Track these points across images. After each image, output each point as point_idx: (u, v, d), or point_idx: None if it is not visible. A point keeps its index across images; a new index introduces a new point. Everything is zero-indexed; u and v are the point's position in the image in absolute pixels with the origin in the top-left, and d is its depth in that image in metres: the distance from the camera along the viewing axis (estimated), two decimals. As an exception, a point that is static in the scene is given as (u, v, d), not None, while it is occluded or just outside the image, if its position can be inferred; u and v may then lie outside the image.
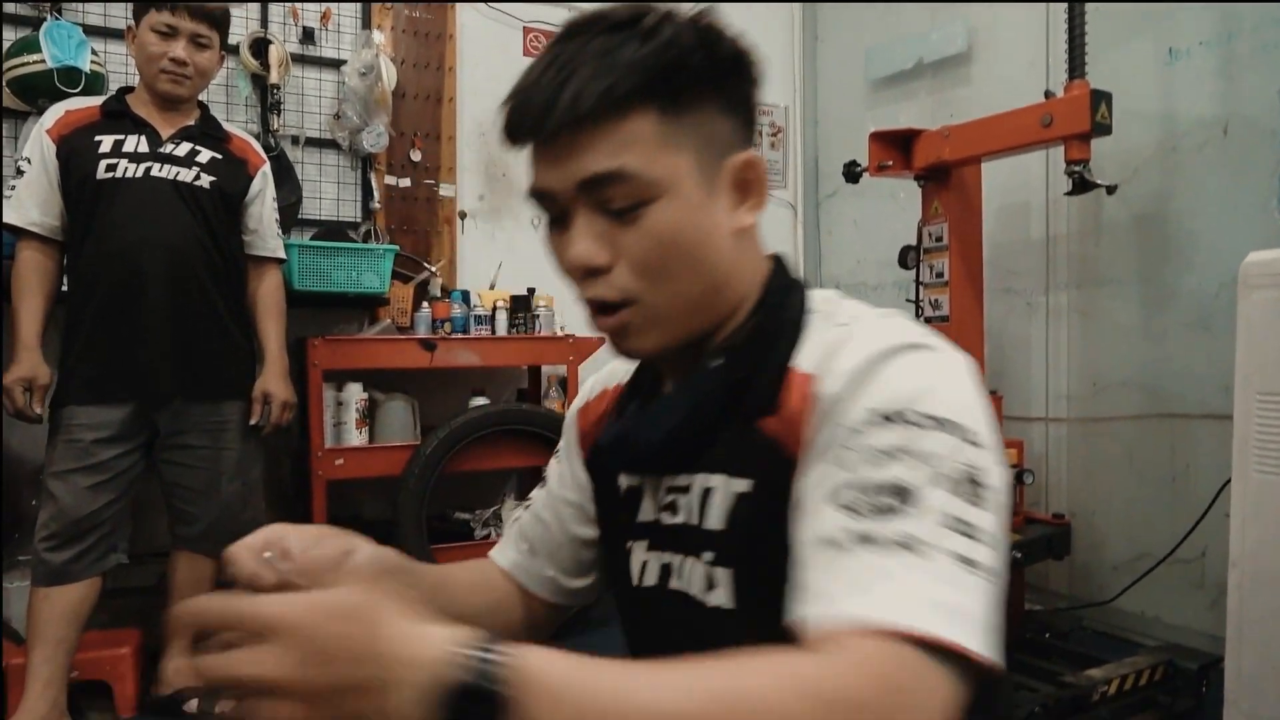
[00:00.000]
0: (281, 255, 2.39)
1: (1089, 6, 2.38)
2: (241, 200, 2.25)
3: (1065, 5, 2.40)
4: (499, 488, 3.18)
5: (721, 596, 0.73)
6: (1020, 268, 2.96)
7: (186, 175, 2.13)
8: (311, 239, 2.88)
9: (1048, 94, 2.43)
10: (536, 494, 0.98)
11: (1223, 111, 2.38)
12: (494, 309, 3.00)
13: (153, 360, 2.08)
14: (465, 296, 3.02)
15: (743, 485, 0.72)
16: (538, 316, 3.03)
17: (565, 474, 0.95)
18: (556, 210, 0.73)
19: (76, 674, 2.12)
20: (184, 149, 2.15)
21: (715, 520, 0.74)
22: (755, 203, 0.75)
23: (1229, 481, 1.88)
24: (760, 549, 0.70)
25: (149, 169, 2.09)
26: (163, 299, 2.08)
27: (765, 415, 0.72)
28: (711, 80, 0.71)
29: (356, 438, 2.69)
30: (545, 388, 3.09)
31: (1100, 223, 2.72)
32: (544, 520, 0.95)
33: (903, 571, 0.56)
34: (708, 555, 0.74)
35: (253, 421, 2.24)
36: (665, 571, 0.80)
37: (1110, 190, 2.35)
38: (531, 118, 0.68)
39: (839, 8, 3.76)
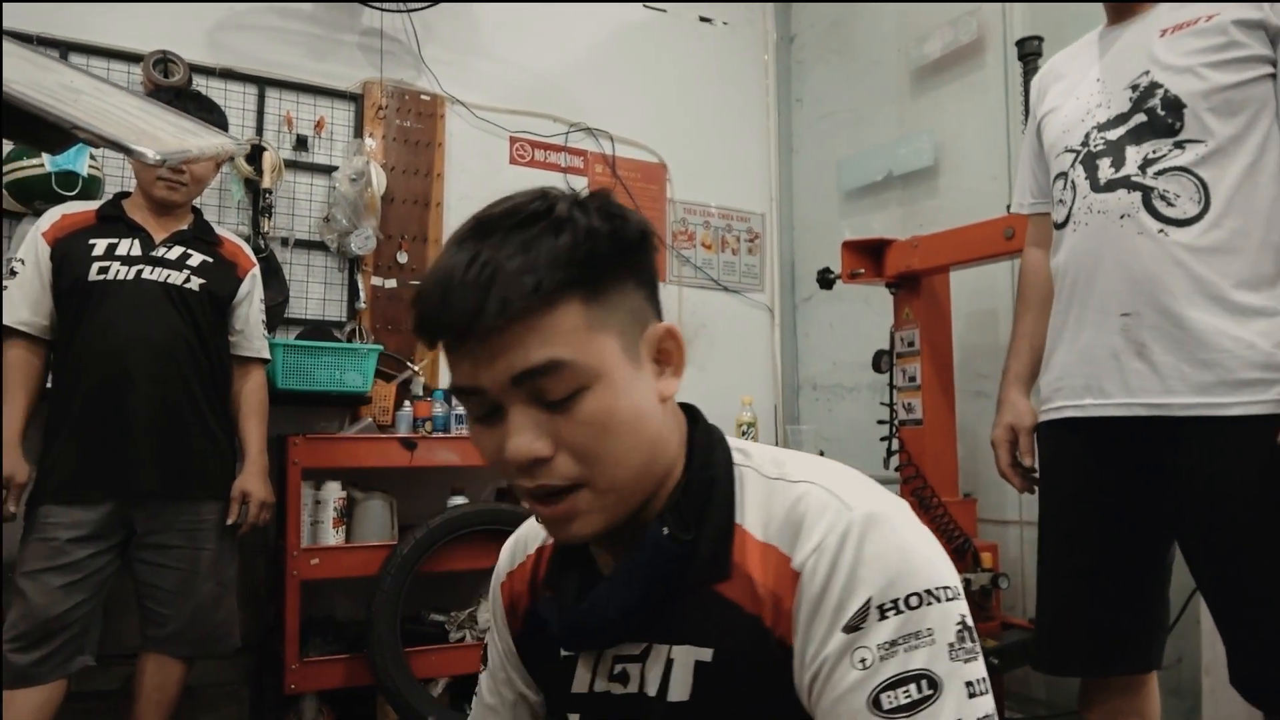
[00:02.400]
0: (266, 356, 2.42)
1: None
2: (230, 302, 2.30)
3: (1023, 124, 2.54)
4: (475, 589, 3.15)
5: None
6: (990, 371, 3.03)
7: (177, 278, 2.17)
8: (297, 338, 2.92)
9: (1009, 208, 2.55)
10: (481, 679, 0.97)
11: (1176, 226, 2.49)
12: (475, 408, 3.02)
13: (135, 459, 2.08)
14: (447, 396, 3.05)
15: (704, 654, 0.74)
16: (518, 416, 3.06)
17: (499, 650, 0.95)
18: (485, 406, 0.72)
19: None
20: (176, 253, 2.20)
21: (679, 692, 0.75)
22: (676, 369, 0.77)
23: (1196, 589, 1.91)
24: (726, 718, 0.73)
25: (140, 272, 2.14)
26: (148, 398, 2.10)
27: (719, 580, 0.74)
28: (624, 261, 0.73)
29: (333, 537, 2.67)
30: (524, 487, 3.10)
31: (1066, 330, 2.81)
32: (491, 706, 0.95)
33: None
34: None
35: (230, 521, 2.22)
36: None
37: (1072, 300, 2.43)
38: (459, 319, 0.68)
39: (812, 121, 3.94)
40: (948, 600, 0.69)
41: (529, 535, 0.95)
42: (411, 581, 2.62)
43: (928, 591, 0.68)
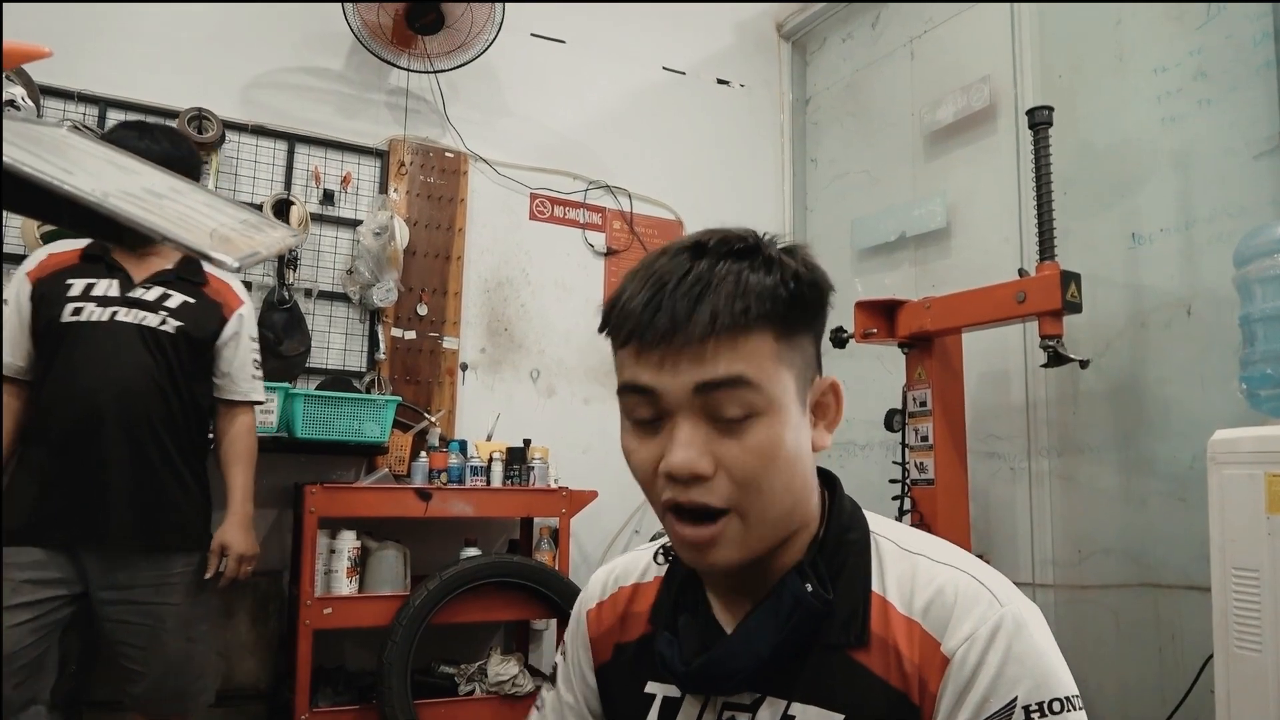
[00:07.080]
0: (255, 398, 2.28)
1: (1055, 185, 2.55)
2: (213, 344, 2.20)
3: (1034, 190, 2.58)
4: (486, 641, 3.15)
5: None
6: (1003, 432, 3.04)
7: (152, 320, 2.09)
8: (317, 388, 2.97)
9: (1021, 272, 2.58)
10: (546, 696, 0.97)
11: (1186, 293, 2.51)
12: (490, 460, 3.05)
13: (100, 505, 2.00)
14: (462, 447, 3.09)
15: (833, 719, 0.75)
16: (532, 468, 3.09)
17: (572, 678, 0.94)
18: (653, 411, 0.74)
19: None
20: (155, 293, 2.13)
21: None
22: (830, 424, 0.80)
23: (1211, 656, 1.90)
24: None
25: (115, 314, 2.07)
26: (116, 443, 2.02)
27: (855, 646, 0.75)
28: (814, 311, 0.77)
29: (346, 587, 2.69)
30: (537, 539, 3.11)
31: (1078, 391, 2.83)
32: None
33: None
34: None
35: (208, 575, 2.12)
36: None
37: (1083, 364, 2.45)
38: (664, 323, 0.71)
39: (826, 182, 4.01)
40: (1079, 709, 0.72)
41: (625, 568, 0.95)
42: (423, 633, 2.63)
43: (1068, 699, 0.71)
